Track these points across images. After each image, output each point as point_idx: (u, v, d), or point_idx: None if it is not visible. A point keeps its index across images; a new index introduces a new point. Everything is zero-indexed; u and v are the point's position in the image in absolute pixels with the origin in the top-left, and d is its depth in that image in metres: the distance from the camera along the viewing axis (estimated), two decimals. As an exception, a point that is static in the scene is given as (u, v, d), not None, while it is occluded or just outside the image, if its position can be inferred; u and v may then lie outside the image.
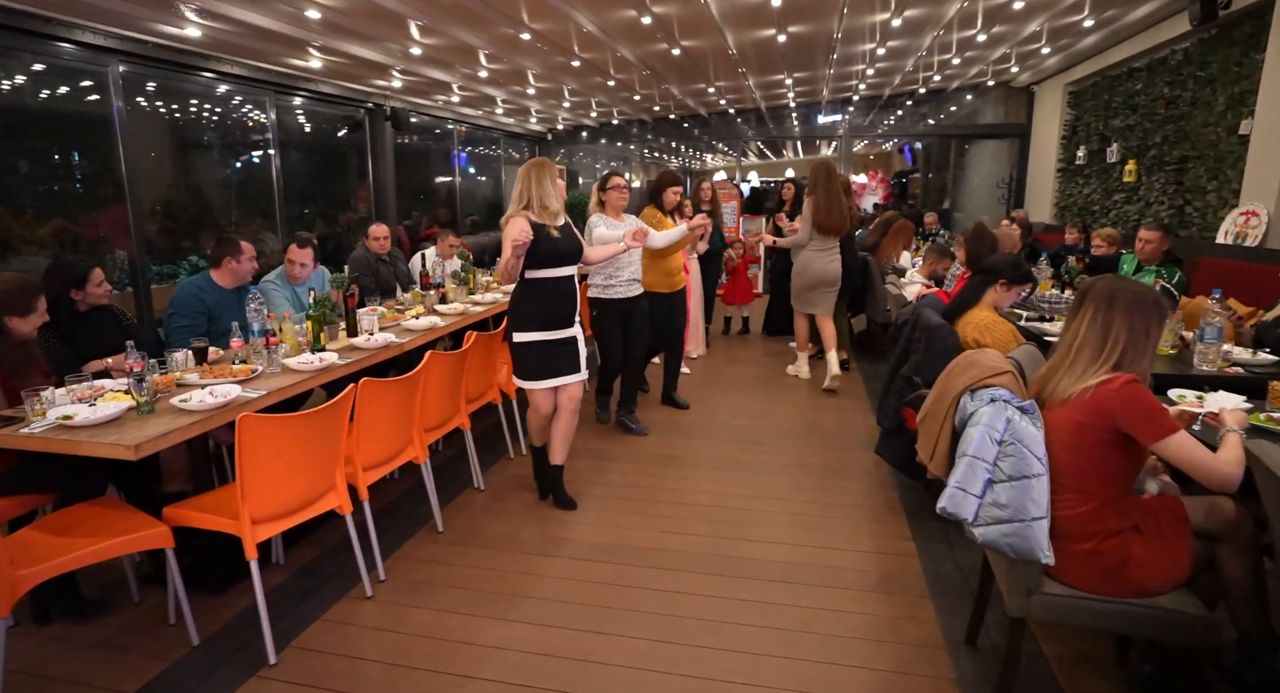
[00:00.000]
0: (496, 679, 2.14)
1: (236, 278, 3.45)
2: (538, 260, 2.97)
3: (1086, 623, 1.85)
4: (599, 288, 3.97)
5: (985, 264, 3.04)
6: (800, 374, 5.50)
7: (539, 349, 3.06)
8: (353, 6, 4.13)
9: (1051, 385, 1.86)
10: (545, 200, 2.99)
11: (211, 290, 3.37)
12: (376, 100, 7.16)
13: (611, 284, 3.96)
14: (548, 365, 3.08)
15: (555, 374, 3.10)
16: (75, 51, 4.37)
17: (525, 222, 2.93)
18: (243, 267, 3.44)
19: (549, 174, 3.03)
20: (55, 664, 2.24)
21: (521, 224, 2.91)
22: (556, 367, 3.09)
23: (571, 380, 3.15)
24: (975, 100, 10.24)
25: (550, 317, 3.05)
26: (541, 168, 3.03)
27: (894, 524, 3.11)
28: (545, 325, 3.05)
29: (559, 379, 3.11)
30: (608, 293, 3.97)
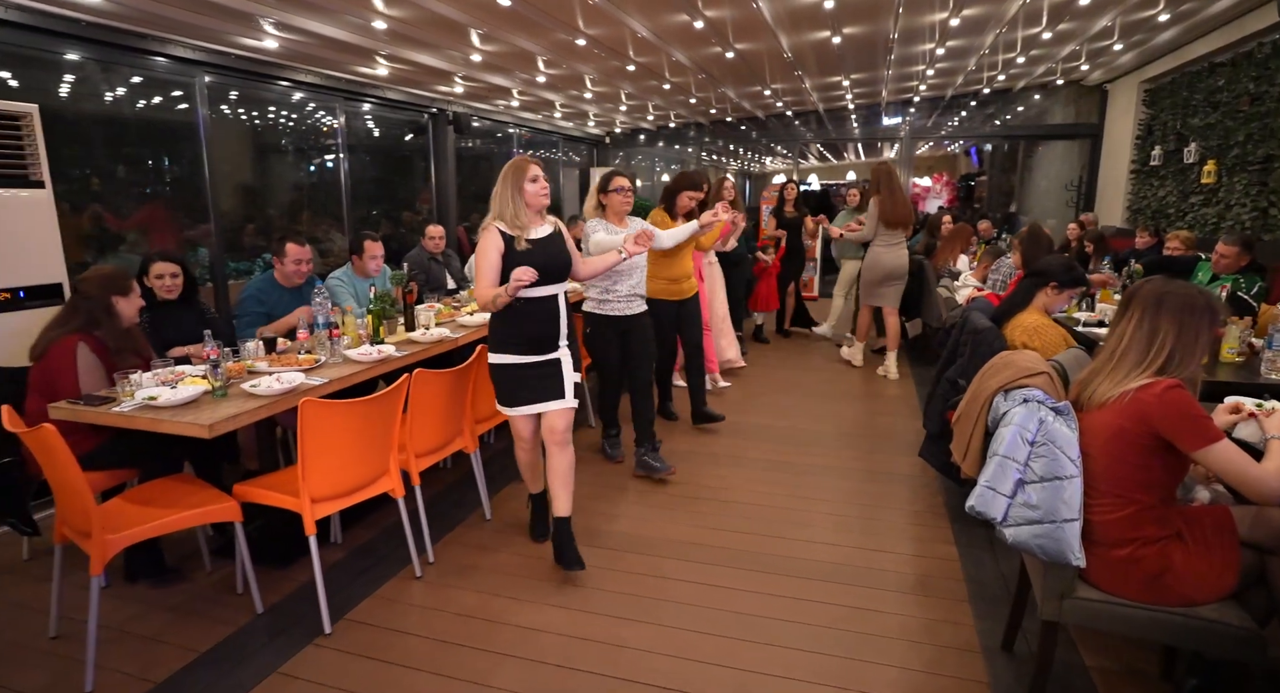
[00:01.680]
0: (534, 659, 2.23)
1: (284, 279, 3.63)
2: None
3: (1122, 630, 1.81)
4: (594, 302, 3.57)
5: (1036, 266, 2.98)
6: (854, 361, 5.94)
7: (515, 372, 2.66)
8: (417, 17, 4.32)
9: (1092, 388, 1.83)
10: (516, 213, 2.57)
11: (271, 289, 3.61)
12: (440, 105, 7.42)
13: (607, 299, 3.53)
14: (525, 390, 2.67)
15: (533, 400, 2.68)
16: (167, 64, 4.70)
17: (498, 237, 2.56)
18: (285, 268, 3.59)
19: (525, 177, 2.58)
20: (137, 623, 2.45)
21: (495, 240, 2.56)
22: (535, 392, 2.67)
23: (553, 408, 2.69)
24: (1044, 100, 9.90)
25: (530, 338, 2.64)
26: (517, 170, 2.59)
27: (937, 529, 3.08)
28: (524, 347, 2.64)
29: (537, 406, 2.68)
30: (603, 308, 3.55)
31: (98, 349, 2.67)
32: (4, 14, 3.60)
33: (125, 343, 2.75)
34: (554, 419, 2.71)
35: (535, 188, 2.60)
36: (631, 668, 2.19)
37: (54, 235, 3.34)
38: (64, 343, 2.62)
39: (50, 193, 3.32)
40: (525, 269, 2.42)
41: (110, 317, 2.71)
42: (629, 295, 3.56)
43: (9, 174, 3.16)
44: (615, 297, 3.54)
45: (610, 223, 3.51)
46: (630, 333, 3.61)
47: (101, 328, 2.70)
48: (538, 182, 2.61)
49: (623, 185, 3.49)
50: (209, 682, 2.14)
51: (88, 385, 2.61)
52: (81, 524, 2.19)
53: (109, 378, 2.65)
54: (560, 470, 2.75)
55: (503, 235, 2.56)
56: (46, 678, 2.19)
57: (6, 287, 3.16)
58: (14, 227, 3.18)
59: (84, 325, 2.68)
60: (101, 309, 2.69)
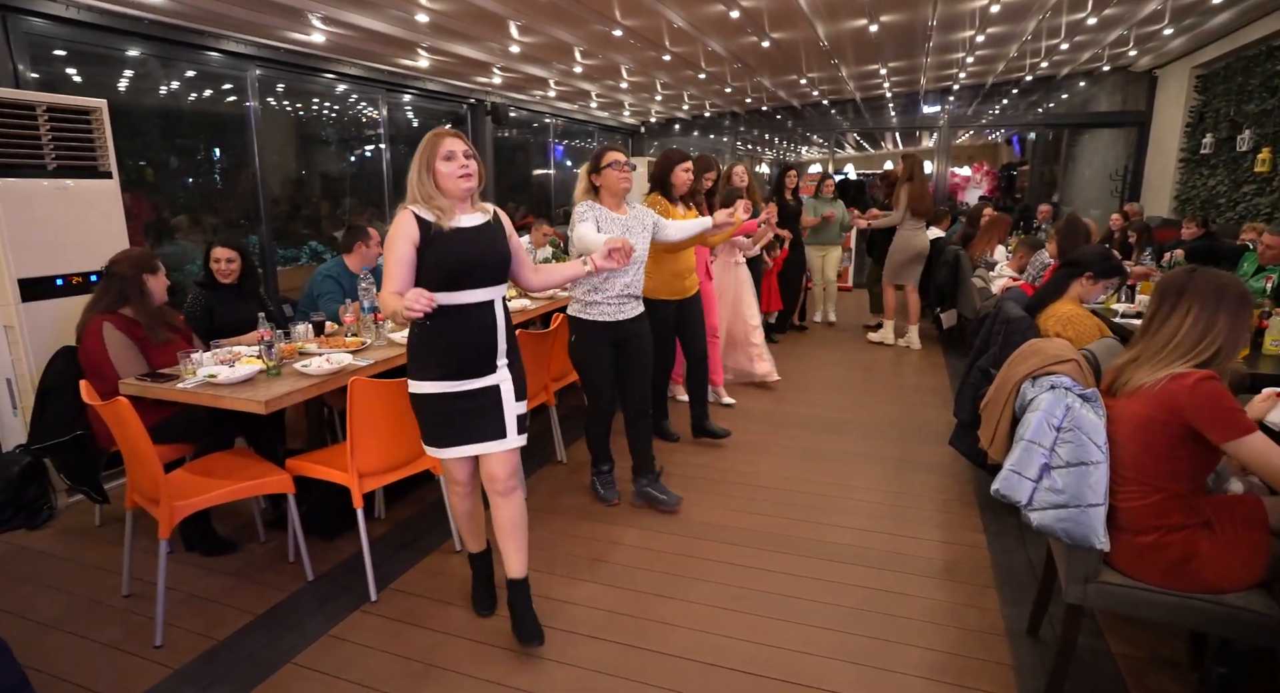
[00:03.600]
0: (568, 630, 2.34)
1: (365, 261, 3.81)
2: (432, 278, 2.02)
3: (1147, 615, 1.84)
4: (579, 304, 2.98)
5: (1072, 256, 2.97)
6: (886, 340, 6.30)
7: (443, 405, 2.11)
8: (458, 9, 4.43)
9: (1128, 375, 1.84)
10: (430, 198, 2.04)
11: (344, 274, 3.78)
12: (478, 96, 7.55)
13: (594, 301, 2.94)
14: (456, 427, 2.12)
15: (467, 439, 2.13)
16: (220, 59, 4.89)
17: (411, 222, 2.01)
18: (371, 251, 3.82)
19: (436, 154, 2.04)
20: (199, 586, 2.63)
21: (407, 226, 2.01)
22: (469, 429, 2.12)
23: (493, 449, 2.15)
24: (1089, 87, 9.65)
25: (459, 359, 2.08)
26: (428, 146, 2.06)
27: (966, 516, 3.11)
28: (452, 371, 2.08)
29: (473, 447, 2.14)
30: (590, 312, 2.96)
31: (124, 326, 2.84)
32: (77, 15, 3.80)
33: (157, 319, 2.93)
34: (494, 465, 2.17)
35: (451, 168, 2.03)
36: (661, 641, 2.28)
37: (120, 223, 3.53)
38: (91, 325, 2.81)
39: (117, 183, 3.50)
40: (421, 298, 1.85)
41: (142, 294, 2.89)
42: (622, 296, 2.94)
43: (80, 165, 3.35)
44: (605, 297, 2.93)
45: (605, 207, 2.93)
46: (625, 343, 3.01)
47: (130, 305, 2.88)
48: (454, 160, 2.03)
49: (617, 159, 2.90)
50: (265, 642, 2.29)
51: (120, 362, 2.79)
52: (151, 492, 2.36)
53: (143, 354, 2.83)
54: (508, 523, 2.20)
55: (418, 220, 2.02)
56: (121, 632, 2.36)
57: (78, 271, 3.35)
58: (85, 215, 3.38)
59: (111, 304, 2.86)
60: (134, 288, 2.87)
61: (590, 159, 3.00)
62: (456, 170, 2.04)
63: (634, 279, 2.97)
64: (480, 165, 2.10)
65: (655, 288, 3.45)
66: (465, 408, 2.12)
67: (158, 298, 2.96)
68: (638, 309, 3.04)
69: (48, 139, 3.21)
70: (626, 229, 2.93)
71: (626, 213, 2.99)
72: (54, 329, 3.24)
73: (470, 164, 2.06)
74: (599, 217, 2.92)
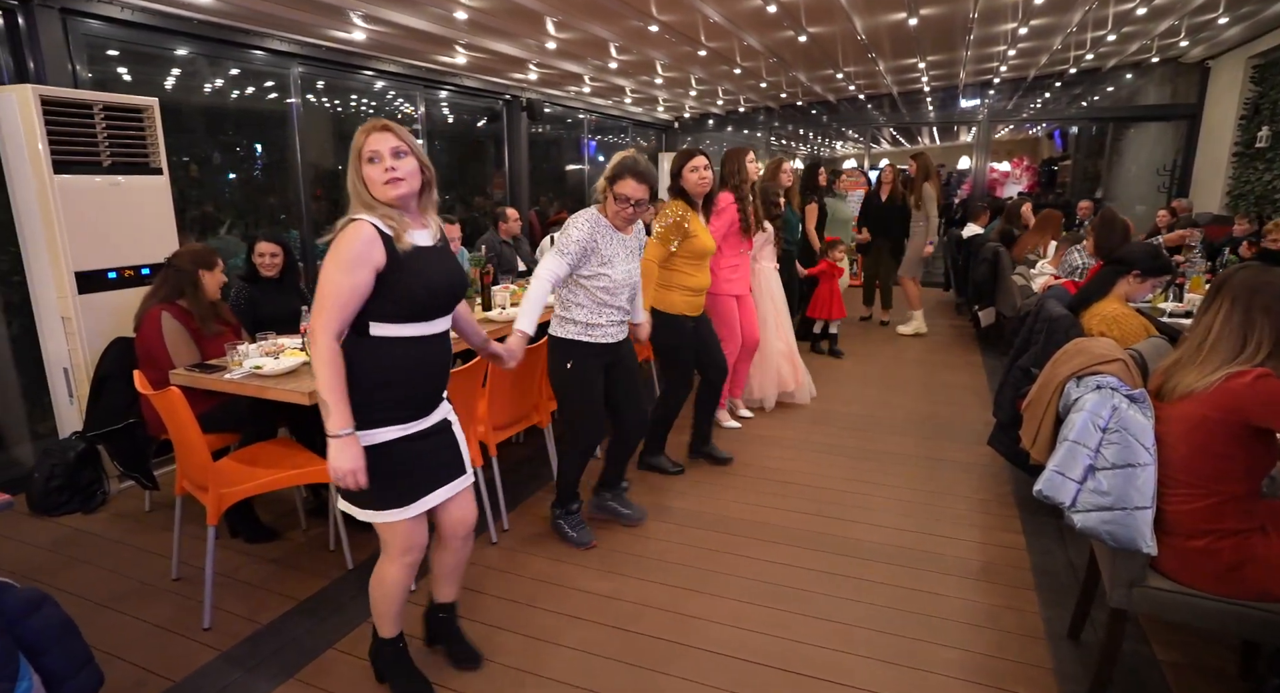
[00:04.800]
0: (600, 622, 2.36)
1: None
2: (392, 310, 1.69)
3: (1196, 622, 1.80)
4: (578, 326, 2.64)
5: (1118, 254, 2.89)
6: (921, 330, 6.54)
7: (406, 449, 1.77)
8: (496, 6, 4.46)
9: (1176, 378, 1.80)
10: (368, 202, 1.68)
11: None
12: (514, 92, 7.60)
13: (597, 322, 2.64)
14: (422, 472, 1.82)
15: (435, 483, 1.85)
16: (264, 57, 5.00)
17: (373, 234, 1.64)
18: None
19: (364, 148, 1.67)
20: (244, 571, 2.70)
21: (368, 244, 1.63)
22: (434, 470, 1.85)
23: (458, 489, 1.91)
24: (1136, 79, 9.37)
25: (417, 397, 1.79)
26: (357, 138, 1.69)
27: (1004, 518, 3.06)
28: (410, 411, 1.78)
29: (439, 492, 1.86)
30: (592, 335, 2.65)
31: (181, 317, 2.93)
32: (130, 16, 3.92)
33: (210, 311, 3.02)
34: (461, 507, 1.95)
35: (373, 173, 1.66)
36: (690, 634, 2.29)
37: (169, 218, 3.64)
38: (150, 314, 2.91)
39: (167, 179, 3.61)
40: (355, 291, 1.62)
41: (195, 288, 2.97)
42: (618, 322, 2.70)
43: (133, 162, 3.46)
44: (607, 319, 2.64)
45: (611, 225, 2.60)
46: (615, 366, 2.77)
47: (185, 297, 2.97)
48: (377, 162, 1.66)
49: (629, 195, 2.51)
50: (308, 627, 2.35)
51: (175, 351, 2.88)
52: (200, 479, 2.43)
53: (197, 344, 2.92)
54: (458, 565, 2.07)
55: (382, 235, 1.65)
56: (171, 613, 2.44)
57: (130, 265, 3.46)
58: (137, 210, 3.48)
59: (168, 295, 2.96)
60: (189, 281, 2.96)
61: (613, 164, 2.58)
62: (379, 175, 1.65)
63: (629, 297, 2.72)
64: (422, 163, 1.72)
65: (675, 303, 3.26)
66: (424, 448, 1.81)
67: (211, 293, 3.04)
68: (625, 332, 2.80)
69: (103, 137, 3.32)
70: (630, 252, 2.69)
71: (631, 232, 2.70)
72: (107, 320, 3.35)
73: (399, 165, 1.65)
74: (600, 238, 2.56)
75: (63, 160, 3.18)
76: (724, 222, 3.64)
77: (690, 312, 3.31)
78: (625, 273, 2.64)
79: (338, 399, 1.62)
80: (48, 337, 3.41)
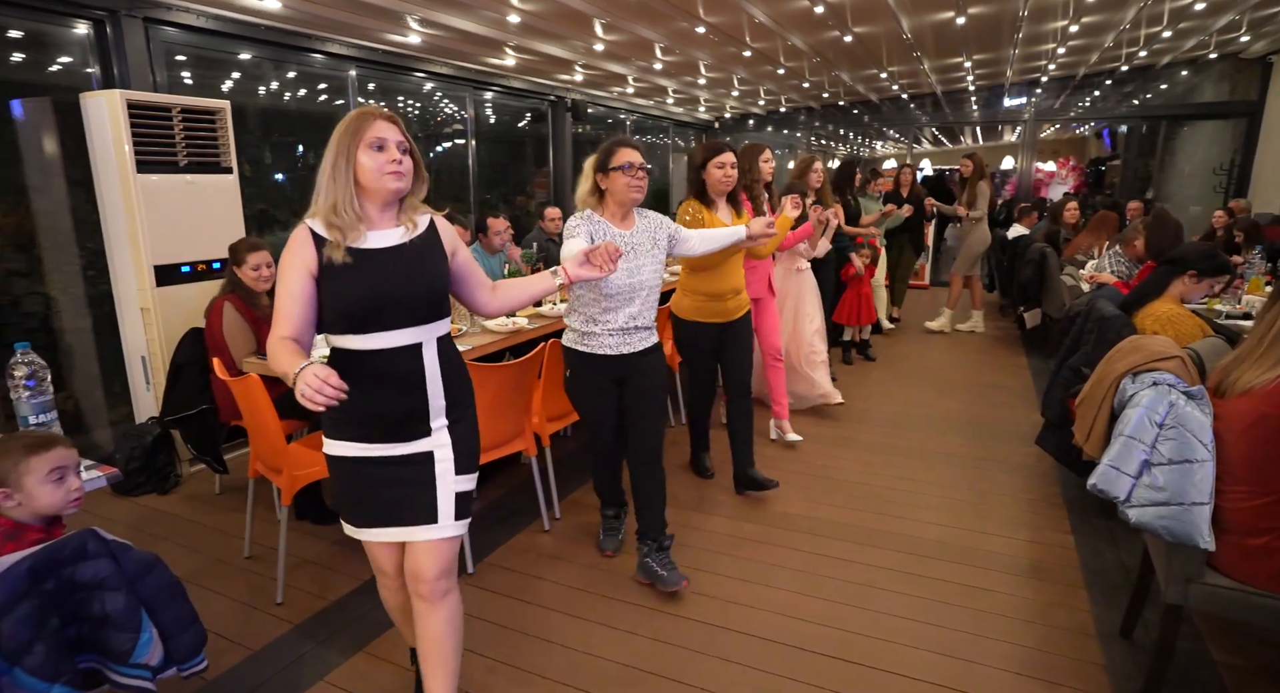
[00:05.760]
0: (653, 608, 2.43)
1: (489, 248, 4.47)
2: (331, 318, 1.55)
3: (1254, 619, 1.80)
4: (574, 334, 2.48)
5: (1174, 253, 2.87)
6: (946, 329, 6.66)
7: (360, 471, 1.62)
8: (547, 9, 4.57)
9: (1235, 374, 1.81)
10: (340, 202, 1.52)
11: (480, 256, 4.38)
12: (559, 93, 7.73)
13: (592, 331, 2.41)
14: (375, 501, 1.63)
15: (386, 519, 1.64)
16: (322, 60, 5.19)
17: (307, 236, 1.54)
18: (491, 241, 4.44)
19: (360, 140, 1.52)
20: (311, 551, 2.85)
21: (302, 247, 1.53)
22: (390, 506, 1.63)
23: (418, 537, 1.64)
24: (1192, 76, 9.11)
25: (378, 416, 1.60)
26: (350, 130, 1.53)
27: (1053, 517, 3.05)
28: (370, 431, 1.61)
29: (394, 530, 1.64)
30: (586, 344, 2.44)
31: (241, 308, 3.08)
32: (205, 23, 4.12)
33: (259, 302, 3.13)
34: (420, 559, 1.65)
35: (379, 162, 1.52)
36: (741, 621, 2.35)
37: (238, 215, 3.82)
38: (215, 305, 3.08)
39: (237, 178, 3.79)
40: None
41: (239, 282, 3.12)
42: (625, 328, 2.41)
43: (206, 161, 3.64)
44: (604, 328, 2.40)
45: (608, 221, 2.38)
46: (629, 381, 2.49)
47: (238, 290, 3.11)
48: (385, 150, 1.53)
49: (630, 161, 2.30)
50: (373, 605, 2.46)
51: (231, 340, 3.01)
52: (274, 462, 2.57)
53: (256, 335, 3.06)
54: (436, 638, 1.69)
55: (315, 238, 1.53)
56: (246, 590, 2.59)
57: (202, 259, 3.65)
58: (208, 207, 3.66)
59: (230, 288, 3.13)
60: (233, 275, 3.13)
61: (597, 154, 2.38)
62: (385, 165, 1.52)
63: (642, 309, 2.41)
64: (418, 164, 1.61)
65: (691, 309, 3.04)
66: (386, 476, 1.61)
67: (251, 285, 3.16)
68: (649, 341, 2.48)
69: (180, 138, 3.50)
70: (632, 248, 2.36)
71: (634, 226, 2.41)
72: (181, 312, 3.53)
73: (405, 160, 1.56)
74: (596, 233, 2.33)
75: (145, 160, 3.36)
76: None
77: (707, 317, 3.03)
78: (624, 272, 2.31)
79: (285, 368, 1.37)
80: (127, 327, 3.61)
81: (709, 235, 2.59)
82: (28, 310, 3.77)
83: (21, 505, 1.46)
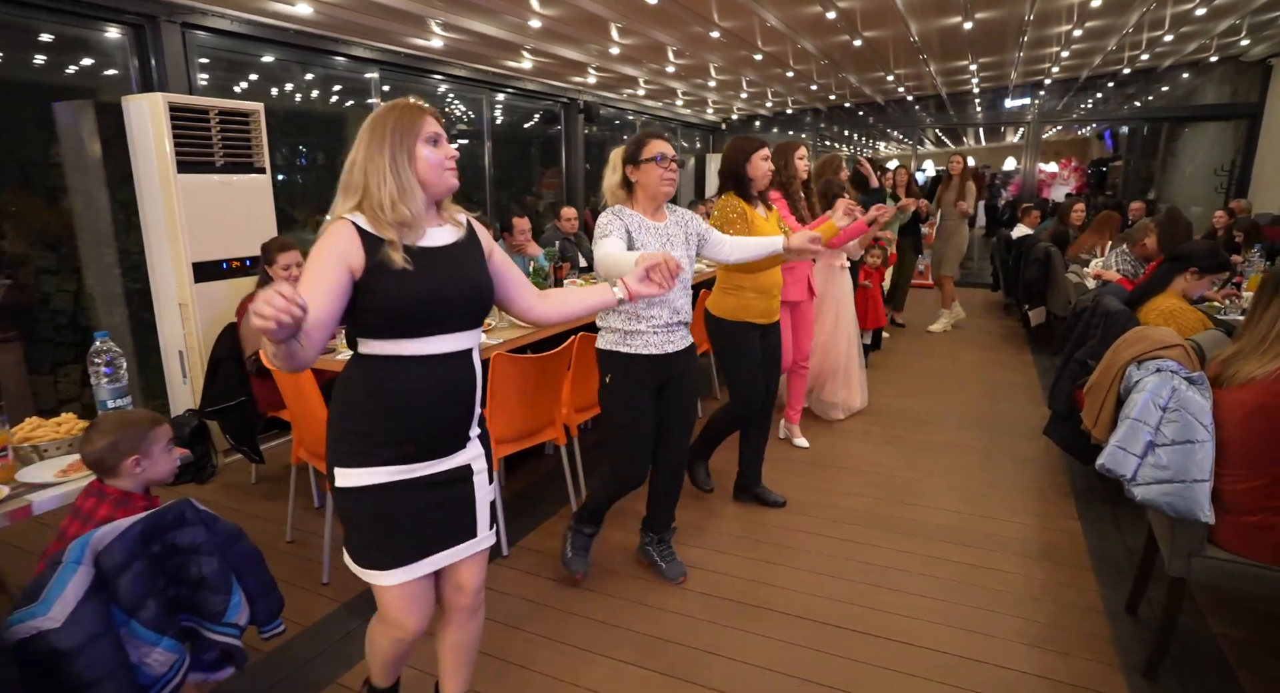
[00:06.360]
0: (680, 587, 2.56)
1: (512, 247, 4.51)
2: (382, 321, 1.42)
3: (1251, 589, 1.93)
4: (615, 335, 2.33)
5: (1177, 251, 3.00)
6: (947, 328, 6.72)
7: (395, 499, 1.47)
8: (567, 14, 4.70)
9: (1235, 367, 1.93)
10: (401, 197, 1.41)
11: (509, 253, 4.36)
12: (571, 95, 7.87)
13: (637, 330, 2.29)
14: (417, 530, 1.50)
15: (430, 547, 1.52)
16: (345, 62, 5.32)
17: (352, 233, 1.40)
18: (515, 239, 4.54)
19: (417, 135, 1.44)
20: (353, 535, 2.96)
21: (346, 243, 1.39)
22: (434, 530, 1.52)
23: (464, 554, 1.57)
24: (1193, 78, 9.25)
25: (422, 435, 1.48)
26: (402, 124, 1.43)
27: (1061, 505, 3.18)
28: (410, 451, 1.47)
29: (440, 556, 1.54)
30: (631, 344, 2.30)
31: None
32: (238, 28, 4.25)
33: None
34: (466, 573, 1.62)
35: (438, 158, 1.46)
36: (768, 599, 2.47)
37: (270, 214, 3.95)
38: (244, 302, 3.21)
39: (269, 178, 3.92)
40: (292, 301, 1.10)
41: (269, 279, 3.25)
42: (670, 324, 2.32)
43: (240, 162, 3.77)
44: (650, 325, 2.29)
45: (640, 214, 2.30)
46: (671, 382, 2.38)
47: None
48: (441, 145, 1.47)
49: (662, 152, 2.25)
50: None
51: (246, 334, 3.14)
52: (317, 448, 2.69)
53: None
54: (468, 646, 1.72)
55: (363, 235, 1.40)
56: (291, 571, 2.71)
57: (237, 256, 3.78)
58: (243, 206, 3.79)
59: (260, 284, 3.27)
60: (264, 275, 3.25)
61: (627, 146, 2.32)
62: (446, 161, 1.47)
63: (684, 302, 2.35)
64: None
65: (738, 307, 2.86)
66: (427, 500, 1.49)
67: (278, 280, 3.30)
68: (688, 338, 2.40)
69: (217, 139, 3.63)
70: (667, 240, 2.32)
71: (666, 219, 2.36)
72: (217, 307, 3.66)
73: (456, 154, 1.51)
74: (631, 226, 2.25)
75: (184, 161, 3.49)
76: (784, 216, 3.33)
77: (756, 318, 2.88)
78: None
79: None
80: (165, 321, 3.74)
81: (743, 244, 2.44)
82: (58, 307, 3.92)
83: (144, 472, 1.61)
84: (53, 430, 1.91)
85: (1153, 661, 2.05)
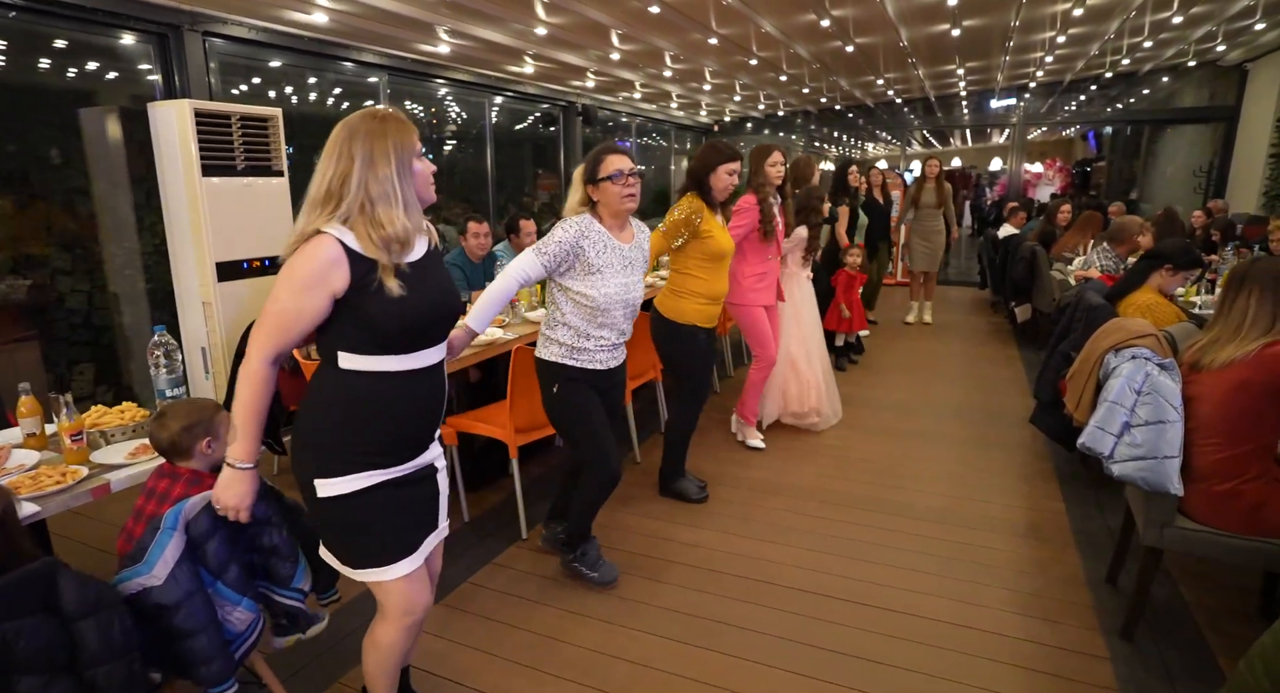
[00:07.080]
0: (691, 565, 2.73)
1: (470, 252, 4.37)
2: (368, 340, 1.44)
3: (1219, 556, 2.11)
4: (561, 347, 2.35)
5: (1153, 249, 3.19)
6: (923, 318, 7.03)
7: (386, 496, 1.53)
8: (572, 22, 4.86)
9: (1214, 353, 2.08)
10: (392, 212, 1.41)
11: (466, 263, 4.36)
12: (570, 99, 8.03)
13: (584, 346, 2.34)
14: (410, 522, 1.59)
15: (420, 538, 1.61)
16: (353, 67, 5.45)
17: (339, 254, 1.37)
18: (468, 242, 4.35)
19: (410, 149, 1.44)
20: (380, 520, 3.12)
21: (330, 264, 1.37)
22: (419, 520, 1.61)
23: (434, 543, 1.68)
24: (1173, 82, 9.53)
25: (406, 437, 1.55)
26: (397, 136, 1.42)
27: (1045, 488, 3.37)
28: (397, 452, 1.53)
29: (428, 543, 1.64)
30: (578, 358, 2.36)
31: None
32: (255, 36, 4.39)
33: None
34: (434, 561, 1.79)
35: (425, 171, 1.50)
36: (773, 574, 2.65)
37: (288, 216, 4.08)
38: None
39: (287, 181, 4.05)
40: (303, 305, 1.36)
41: None
42: (615, 344, 2.42)
43: (259, 165, 3.90)
44: (597, 345, 2.35)
45: (607, 231, 2.29)
46: (607, 394, 2.49)
47: None
48: (424, 161, 1.50)
49: (620, 168, 2.23)
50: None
51: None
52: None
53: None
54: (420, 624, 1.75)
55: (350, 256, 1.38)
56: (324, 553, 2.86)
57: (257, 256, 3.92)
58: (263, 208, 3.93)
59: None
60: None
61: (585, 164, 2.30)
62: (430, 176, 1.51)
63: (629, 324, 2.43)
64: None
65: (693, 312, 3.01)
66: (413, 496, 1.58)
67: None
68: (624, 353, 2.51)
69: (239, 144, 3.77)
70: (628, 264, 2.34)
71: (634, 239, 2.37)
72: (238, 306, 3.80)
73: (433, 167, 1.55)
74: (593, 249, 2.24)
75: (208, 164, 3.63)
76: (745, 224, 3.39)
77: (703, 322, 3.03)
78: (620, 287, 2.29)
79: (250, 427, 1.45)
80: (188, 319, 3.87)
81: (496, 294, 2.21)
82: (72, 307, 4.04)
83: (214, 453, 1.75)
84: (117, 417, 2.05)
85: (1129, 623, 2.24)
